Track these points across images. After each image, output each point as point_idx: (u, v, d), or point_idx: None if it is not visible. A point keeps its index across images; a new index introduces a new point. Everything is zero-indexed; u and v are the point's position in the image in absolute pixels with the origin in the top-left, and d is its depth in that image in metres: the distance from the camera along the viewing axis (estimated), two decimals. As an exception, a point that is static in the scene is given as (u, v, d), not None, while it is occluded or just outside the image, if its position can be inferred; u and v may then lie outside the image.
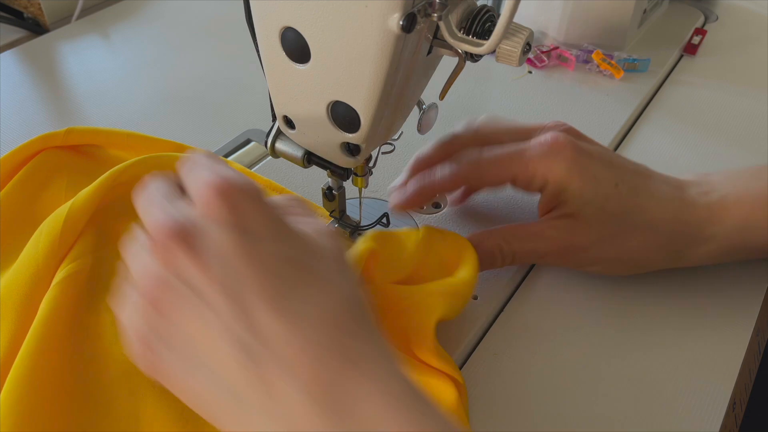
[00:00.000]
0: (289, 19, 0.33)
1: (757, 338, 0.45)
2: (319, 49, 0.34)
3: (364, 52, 0.32)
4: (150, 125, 0.59)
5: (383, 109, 0.35)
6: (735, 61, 0.71)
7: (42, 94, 0.64)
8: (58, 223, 0.40)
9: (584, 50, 0.68)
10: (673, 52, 0.70)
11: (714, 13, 0.79)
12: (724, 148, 0.58)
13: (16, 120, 0.59)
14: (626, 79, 0.66)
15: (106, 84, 0.64)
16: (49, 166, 0.47)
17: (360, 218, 0.47)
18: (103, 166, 0.46)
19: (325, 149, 0.40)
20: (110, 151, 0.50)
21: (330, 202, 0.46)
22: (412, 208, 0.49)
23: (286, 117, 0.39)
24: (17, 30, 0.72)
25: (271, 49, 0.35)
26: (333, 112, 0.37)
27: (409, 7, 0.30)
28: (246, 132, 0.58)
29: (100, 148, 0.50)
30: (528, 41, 0.33)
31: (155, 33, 0.72)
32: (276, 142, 0.43)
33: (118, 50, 0.70)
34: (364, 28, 0.31)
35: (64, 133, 0.48)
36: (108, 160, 0.49)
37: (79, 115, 0.61)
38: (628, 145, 0.59)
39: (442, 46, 0.34)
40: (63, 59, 0.68)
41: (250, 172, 0.52)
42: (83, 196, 0.42)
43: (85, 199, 0.41)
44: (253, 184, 0.30)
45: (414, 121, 0.41)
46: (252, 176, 0.52)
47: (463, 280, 0.40)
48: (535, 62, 0.67)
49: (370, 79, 0.33)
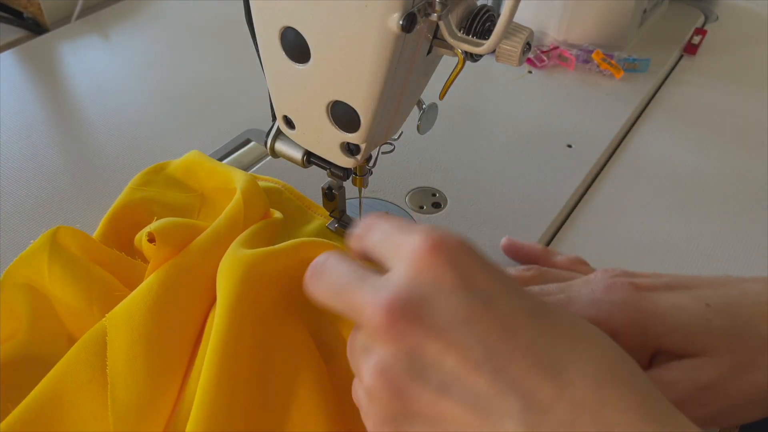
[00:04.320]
0: (289, 19, 0.33)
1: (758, 338, 0.45)
2: (319, 49, 0.34)
3: (364, 52, 0.32)
4: (150, 125, 0.59)
5: (383, 109, 0.35)
6: (735, 61, 0.71)
7: (41, 94, 0.64)
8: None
9: (584, 50, 0.68)
10: (673, 52, 0.70)
11: (714, 13, 0.79)
12: (724, 148, 0.58)
13: (16, 120, 0.59)
14: (626, 79, 0.66)
15: (105, 84, 0.64)
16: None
17: (360, 218, 0.47)
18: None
19: (325, 149, 0.40)
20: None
21: (330, 202, 0.46)
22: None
23: (286, 117, 0.39)
24: (17, 30, 0.72)
25: (271, 49, 0.35)
26: (333, 112, 0.37)
27: (409, 7, 0.30)
28: (246, 132, 0.58)
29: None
30: (528, 41, 0.33)
31: (155, 33, 0.72)
32: (276, 142, 0.43)
33: (118, 50, 0.70)
34: (364, 27, 0.31)
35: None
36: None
37: (78, 115, 0.61)
38: (628, 145, 0.59)
39: (442, 46, 0.34)
40: (63, 59, 0.68)
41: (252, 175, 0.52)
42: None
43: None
44: (462, 236, 0.27)
45: (414, 121, 0.41)
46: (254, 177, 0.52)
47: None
48: (535, 62, 0.67)
49: (370, 79, 0.33)
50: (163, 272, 0.37)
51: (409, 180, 0.53)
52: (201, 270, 0.38)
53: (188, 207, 0.46)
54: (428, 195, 0.52)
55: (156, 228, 0.37)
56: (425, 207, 0.51)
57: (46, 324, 0.38)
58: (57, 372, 0.35)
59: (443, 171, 0.54)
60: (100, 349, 0.35)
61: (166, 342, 0.35)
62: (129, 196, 0.45)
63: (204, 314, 0.37)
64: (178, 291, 0.36)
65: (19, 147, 0.56)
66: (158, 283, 0.36)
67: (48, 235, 0.39)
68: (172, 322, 0.36)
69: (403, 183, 0.53)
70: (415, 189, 0.53)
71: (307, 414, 0.34)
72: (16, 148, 0.56)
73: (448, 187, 0.52)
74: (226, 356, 0.33)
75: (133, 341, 0.34)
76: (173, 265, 0.37)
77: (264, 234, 0.41)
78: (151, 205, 0.44)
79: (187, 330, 0.36)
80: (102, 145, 0.57)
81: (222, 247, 0.38)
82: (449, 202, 0.51)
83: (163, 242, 0.37)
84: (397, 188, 0.52)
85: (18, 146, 0.56)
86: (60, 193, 0.52)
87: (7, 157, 0.55)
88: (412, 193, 0.52)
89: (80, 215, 0.50)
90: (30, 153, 0.55)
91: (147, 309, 0.35)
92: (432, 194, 0.52)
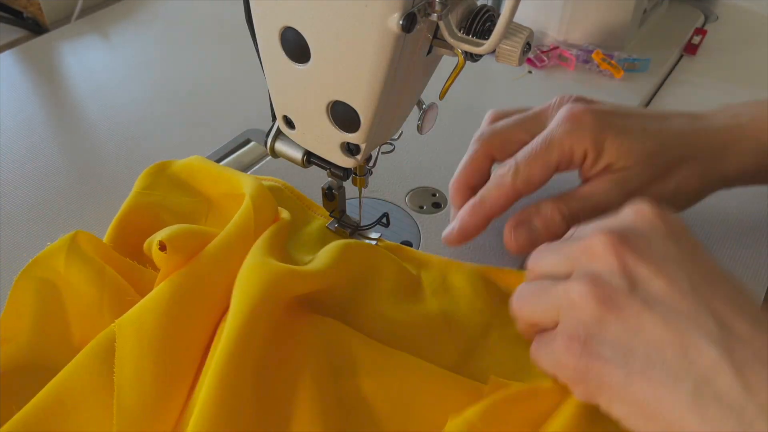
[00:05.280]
0: (289, 19, 0.33)
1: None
2: (319, 49, 0.34)
3: (364, 52, 0.32)
4: (150, 125, 0.59)
5: (383, 109, 0.35)
6: (735, 61, 0.71)
7: (41, 94, 0.64)
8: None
9: (584, 50, 0.68)
10: (673, 52, 0.70)
11: (714, 13, 0.79)
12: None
13: (16, 120, 0.59)
14: (626, 79, 0.66)
15: (105, 84, 0.64)
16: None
17: (360, 218, 0.47)
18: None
19: (325, 149, 0.40)
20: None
21: (330, 202, 0.46)
22: (469, 239, 0.45)
23: (286, 117, 0.39)
24: (17, 30, 0.72)
25: (271, 49, 0.35)
26: (333, 112, 0.37)
27: (409, 7, 0.30)
28: (246, 132, 0.58)
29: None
30: (528, 41, 0.33)
31: (155, 33, 0.72)
32: (276, 142, 0.43)
33: (118, 50, 0.70)
34: (364, 28, 0.31)
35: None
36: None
37: (78, 115, 0.61)
38: (628, 145, 0.59)
39: (442, 46, 0.34)
40: (62, 59, 0.68)
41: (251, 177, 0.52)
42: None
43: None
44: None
45: (414, 121, 0.41)
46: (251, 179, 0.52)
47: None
48: (535, 62, 0.67)
49: (370, 79, 0.33)
50: (175, 281, 0.36)
51: (409, 180, 0.53)
52: (212, 279, 0.37)
53: (196, 213, 0.45)
54: (428, 195, 0.52)
55: (166, 237, 0.37)
56: (425, 207, 0.51)
57: (51, 328, 0.38)
58: (62, 376, 0.34)
59: (443, 171, 0.54)
60: (107, 355, 0.34)
61: (175, 351, 0.35)
62: (135, 201, 0.44)
63: (214, 324, 0.37)
64: (189, 300, 0.36)
65: (19, 147, 0.56)
66: (169, 291, 0.36)
67: (67, 238, 0.39)
68: (182, 332, 0.35)
69: (403, 183, 0.53)
70: (415, 189, 0.53)
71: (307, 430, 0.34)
72: (16, 148, 0.56)
73: (448, 187, 0.52)
74: (228, 370, 0.33)
75: (142, 349, 0.34)
76: (184, 274, 0.37)
77: (278, 239, 0.41)
78: (158, 210, 0.44)
79: (196, 340, 0.36)
80: (102, 145, 0.57)
81: (233, 256, 0.38)
82: (449, 202, 0.51)
83: (174, 251, 0.37)
84: (397, 188, 0.52)
85: (18, 146, 0.56)
86: (60, 193, 0.52)
87: (7, 157, 0.55)
88: (412, 193, 0.52)
89: (80, 215, 0.50)
90: (30, 153, 0.55)
91: (157, 317, 0.35)
92: (432, 194, 0.52)
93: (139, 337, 0.34)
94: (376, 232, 0.47)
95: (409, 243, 0.48)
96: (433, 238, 0.48)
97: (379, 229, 0.47)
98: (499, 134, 0.45)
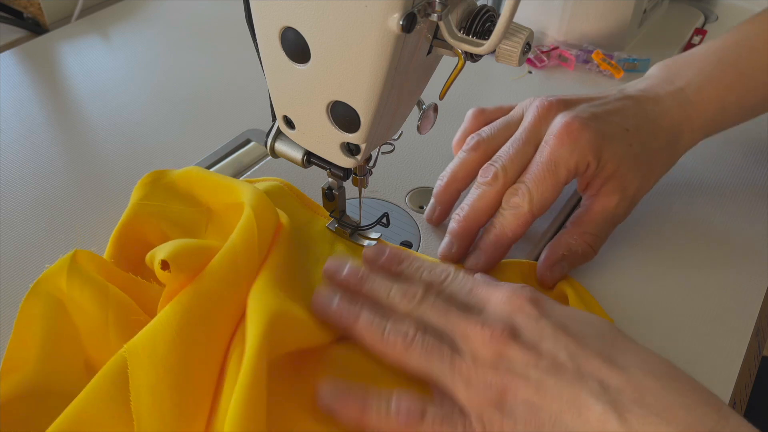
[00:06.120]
0: (289, 19, 0.33)
1: (757, 338, 0.45)
2: (319, 49, 0.34)
3: (364, 52, 0.32)
4: (150, 125, 0.59)
5: (383, 109, 0.35)
6: (735, 61, 0.71)
7: (42, 94, 0.64)
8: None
9: (584, 50, 0.68)
10: (673, 52, 0.70)
11: (714, 13, 0.79)
12: (724, 148, 0.58)
13: (16, 120, 0.59)
14: (626, 79, 0.65)
15: (105, 84, 0.64)
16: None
17: (360, 218, 0.47)
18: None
19: (325, 149, 0.40)
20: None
21: (330, 202, 0.46)
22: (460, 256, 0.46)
23: (286, 117, 0.39)
24: (17, 30, 0.72)
25: (271, 49, 0.35)
26: (333, 112, 0.37)
27: (409, 7, 0.30)
28: (246, 132, 0.58)
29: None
30: (528, 41, 0.33)
31: (155, 33, 0.72)
32: (276, 142, 0.43)
33: (118, 50, 0.70)
34: (364, 28, 0.31)
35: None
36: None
37: (78, 115, 0.61)
38: (628, 145, 0.59)
39: (442, 46, 0.35)
40: (63, 59, 0.68)
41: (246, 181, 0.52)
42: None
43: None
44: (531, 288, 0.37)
45: (414, 121, 0.41)
46: (252, 181, 0.52)
47: None
48: (535, 62, 0.67)
49: (370, 79, 0.33)
50: (183, 302, 0.36)
51: (409, 180, 0.53)
52: (221, 297, 0.37)
53: (196, 223, 0.44)
54: (428, 195, 0.52)
55: (170, 256, 0.36)
56: (425, 207, 0.50)
57: (59, 351, 0.37)
58: (77, 405, 0.33)
59: (443, 171, 0.54)
60: (120, 380, 0.34)
61: (190, 375, 0.34)
62: (134, 212, 0.43)
63: (226, 344, 0.36)
64: (199, 322, 0.36)
65: (19, 147, 0.56)
66: (179, 313, 0.35)
67: (66, 258, 0.39)
68: (196, 355, 0.35)
69: (403, 183, 0.53)
70: (415, 189, 0.53)
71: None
72: (16, 148, 0.56)
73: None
74: (251, 401, 0.33)
75: (158, 375, 0.33)
76: (192, 294, 0.36)
77: (283, 255, 0.41)
78: (158, 221, 0.43)
79: (210, 362, 0.35)
80: (102, 145, 0.57)
81: (240, 271, 0.38)
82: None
83: (179, 270, 0.36)
84: (397, 188, 0.52)
85: (18, 146, 0.56)
86: (60, 193, 0.52)
87: (7, 157, 0.55)
88: (412, 193, 0.52)
89: (80, 215, 0.50)
90: (30, 153, 0.56)
91: (170, 342, 0.34)
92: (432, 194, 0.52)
93: (154, 363, 0.34)
94: (376, 232, 0.47)
95: (409, 243, 0.48)
96: (433, 238, 0.48)
97: (379, 229, 0.47)
98: (493, 144, 0.47)
